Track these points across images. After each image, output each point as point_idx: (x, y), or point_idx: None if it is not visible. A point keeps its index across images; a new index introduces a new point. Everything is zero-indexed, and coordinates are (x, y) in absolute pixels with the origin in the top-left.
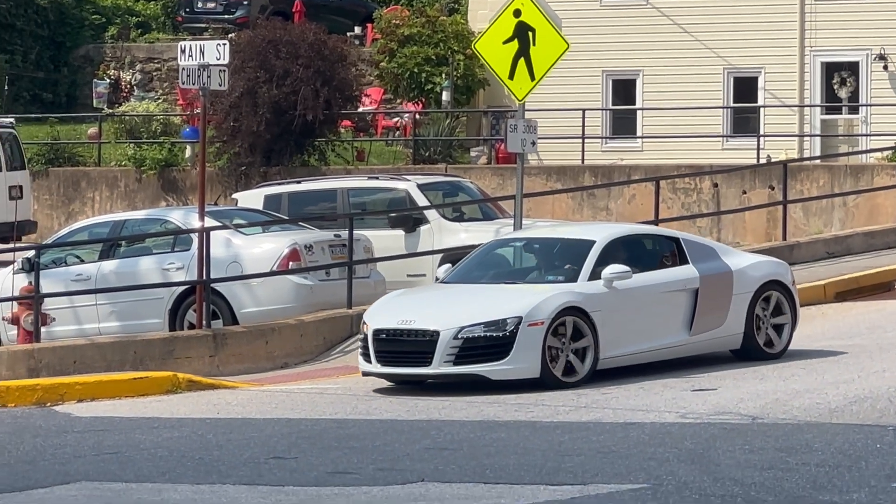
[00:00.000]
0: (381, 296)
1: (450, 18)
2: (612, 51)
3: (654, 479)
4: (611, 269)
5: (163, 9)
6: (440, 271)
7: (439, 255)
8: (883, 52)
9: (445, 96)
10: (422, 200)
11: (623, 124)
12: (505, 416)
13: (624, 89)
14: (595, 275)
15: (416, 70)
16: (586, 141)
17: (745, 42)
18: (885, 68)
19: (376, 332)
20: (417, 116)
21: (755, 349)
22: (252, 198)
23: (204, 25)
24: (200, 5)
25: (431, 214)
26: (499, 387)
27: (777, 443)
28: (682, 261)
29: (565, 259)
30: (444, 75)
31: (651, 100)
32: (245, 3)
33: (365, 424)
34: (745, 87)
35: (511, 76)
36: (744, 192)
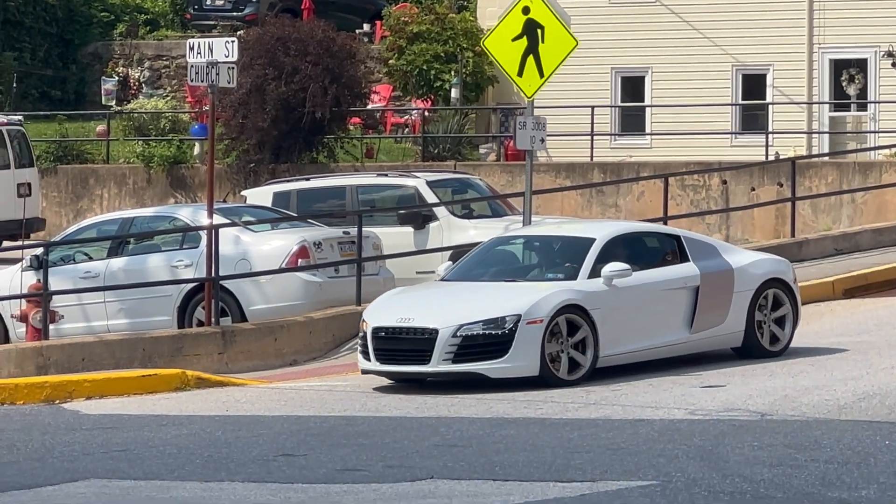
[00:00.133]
0: None
1: (459, 15)
2: (621, 48)
3: (664, 476)
4: (610, 267)
5: (171, 6)
6: (441, 269)
7: (448, 252)
8: (891, 49)
9: (454, 93)
10: (431, 197)
11: (632, 121)
12: (514, 413)
13: (633, 86)
14: (595, 273)
15: (424, 67)
16: (595, 138)
17: (754, 39)
18: (894, 65)
19: (375, 330)
20: (426, 113)
21: (756, 347)
22: (261, 195)
23: (212, 23)
24: (209, 3)
25: (440, 211)
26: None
27: (786, 439)
28: (683, 258)
29: (565, 257)
30: (453, 72)
31: (660, 97)
32: (254, 0)
33: (374, 421)
34: (753, 84)
35: (520, 73)
36: (752, 189)
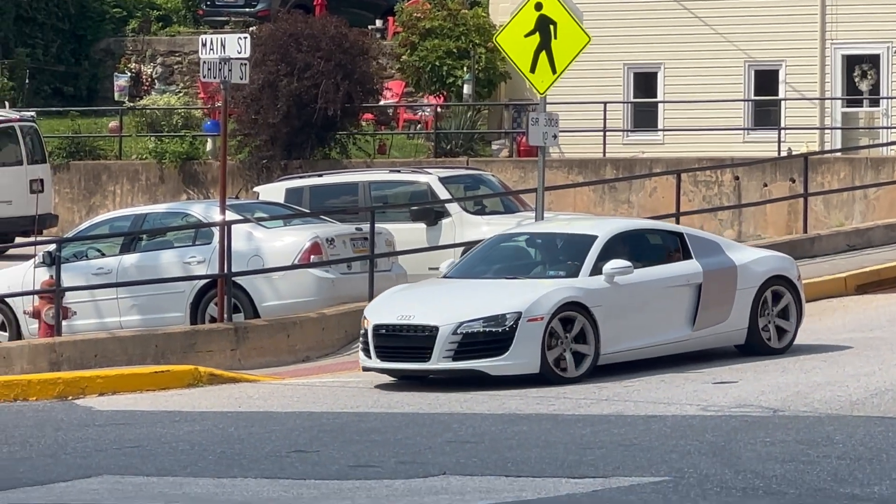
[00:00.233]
0: None
1: (471, 11)
2: (634, 44)
3: (676, 472)
4: (612, 265)
5: (184, 2)
6: (443, 266)
7: (461, 249)
8: None
9: (467, 89)
10: (443, 193)
11: (644, 117)
12: (526, 410)
13: (645, 82)
14: (597, 270)
15: (437, 63)
16: (608, 134)
17: (766, 35)
18: None
19: (376, 328)
20: (439, 110)
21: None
22: (273, 191)
23: (225, 19)
24: None
25: (453, 208)
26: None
27: (798, 435)
28: (686, 255)
29: (567, 254)
30: (465, 68)
31: (672, 93)
32: None
33: (387, 418)
34: (765, 80)
35: (532, 69)
36: (765, 185)
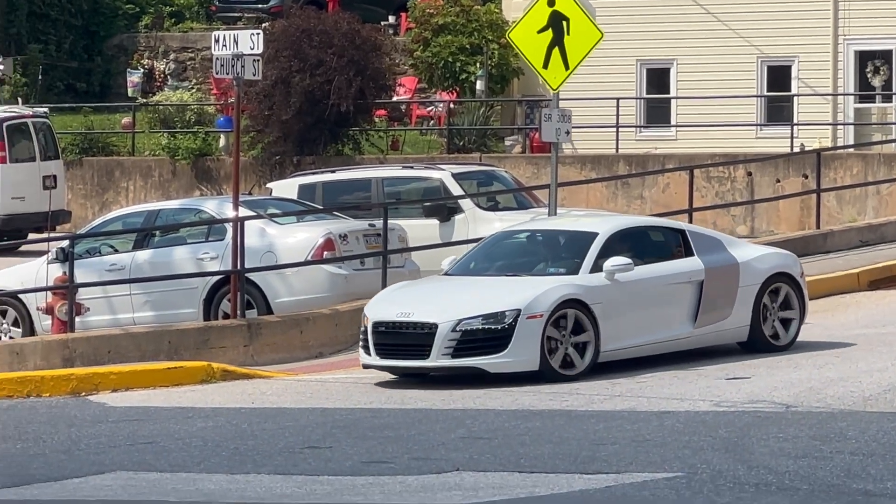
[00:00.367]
0: None
1: (484, 7)
2: (646, 40)
3: (689, 468)
4: (612, 262)
5: None
6: (445, 263)
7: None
8: None
9: (480, 85)
10: (456, 190)
11: (657, 113)
12: (539, 406)
13: (658, 78)
14: (597, 267)
15: (450, 59)
16: (620, 130)
17: (779, 31)
18: None
19: (375, 325)
20: (452, 105)
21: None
22: (286, 187)
23: (238, 15)
24: None
25: (466, 204)
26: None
27: (811, 431)
28: (688, 253)
29: (568, 251)
30: (478, 64)
31: (685, 89)
32: None
33: (400, 414)
34: (778, 76)
35: (545, 65)
36: (777, 181)
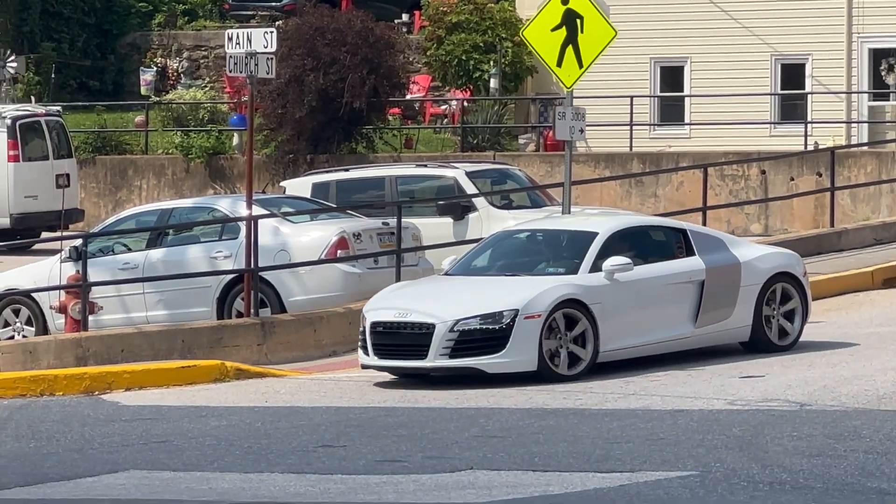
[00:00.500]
0: None
1: (498, 6)
2: (660, 38)
3: (703, 467)
4: (611, 262)
5: None
6: (445, 263)
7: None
8: None
9: (493, 83)
10: (470, 188)
11: (671, 111)
12: (553, 404)
13: (672, 76)
14: (596, 267)
15: (464, 57)
16: (634, 128)
17: (793, 29)
18: None
19: (373, 325)
20: (465, 104)
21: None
22: (300, 186)
23: (251, 13)
24: None
25: (480, 202)
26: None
27: (825, 430)
28: (689, 252)
29: (568, 251)
30: (492, 62)
31: (699, 87)
32: None
33: (414, 412)
34: (792, 74)
35: (559, 63)
36: (791, 179)
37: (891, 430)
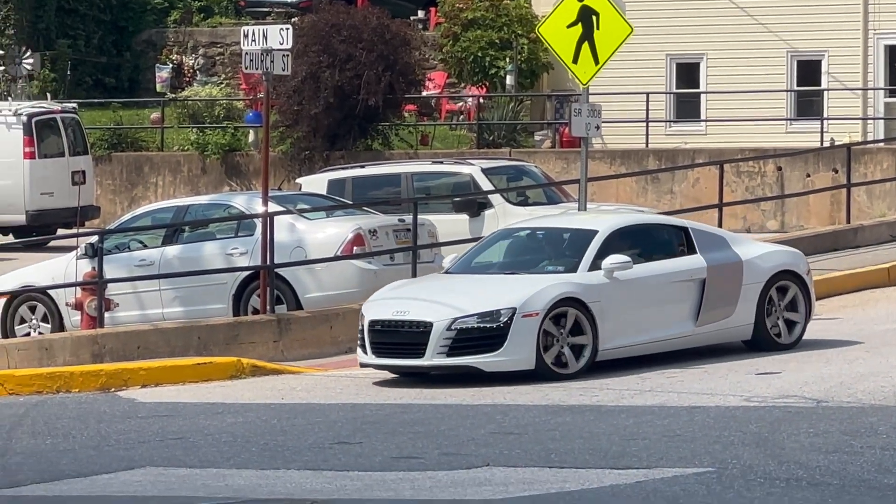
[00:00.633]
0: None
1: (514, 2)
2: (676, 34)
3: (719, 463)
4: (611, 260)
5: None
6: (446, 261)
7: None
8: None
9: (509, 80)
10: (486, 185)
11: (687, 108)
12: (569, 401)
13: (688, 73)
14: (596, 265)
15: (479, 54)
16: (650, 124)
17: (809, 25)
18: None
19: (371, 323)
20: (481, 100)
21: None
22: (316, 182)
23: (267, 10)
24: None
25: (496, 199)
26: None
27: (842, 426)
28: (691, 250)
29: (568, 249)
30: (507, 59)
31: (715, 83)
32: None
33: (430, 409)
34: (808, 71)
35: (575, 60)
36: (807, 176)
37: None
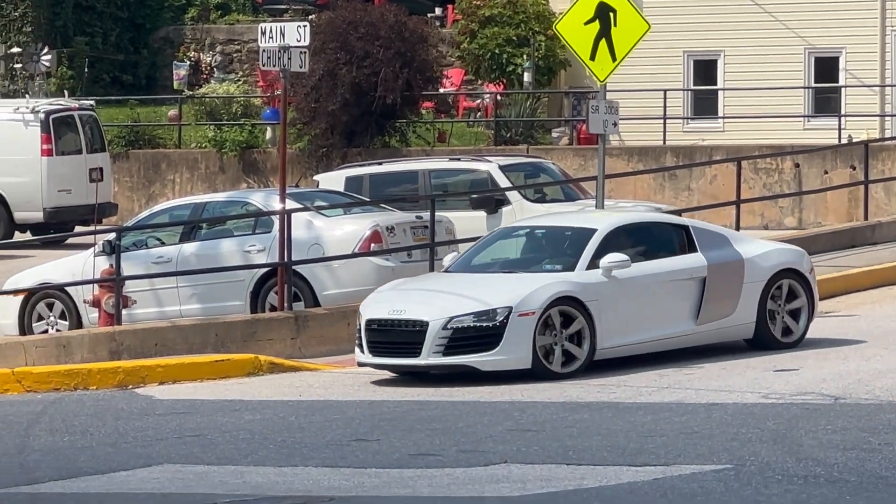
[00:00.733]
0: None
1: None
2: (693, 31)
3: (737, 460)
4: (609, 258)
5: None
6: (446, 260)
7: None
8: None
9: (527, 77)
10: (503, 181)
11: (704, 104)
12: (587, 398)
13: (705, 69)
14: (594, 264)
15: (497, 51)
16: (668, 121)
17: (826, 22)
18: None
19: (368, 322)
20: (499, 97)
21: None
22: (333, 179)
23: (284, 7)
24: None
25: (513, 195)
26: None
27: (860, 423)
28: (691, 249)
29: (567, 248)
30: (525, 56)
31: (732, 80)
32: None
33: (447, 406)
34: (826, 67)
35: (592, 57)
36: (825, 172)
37: None
